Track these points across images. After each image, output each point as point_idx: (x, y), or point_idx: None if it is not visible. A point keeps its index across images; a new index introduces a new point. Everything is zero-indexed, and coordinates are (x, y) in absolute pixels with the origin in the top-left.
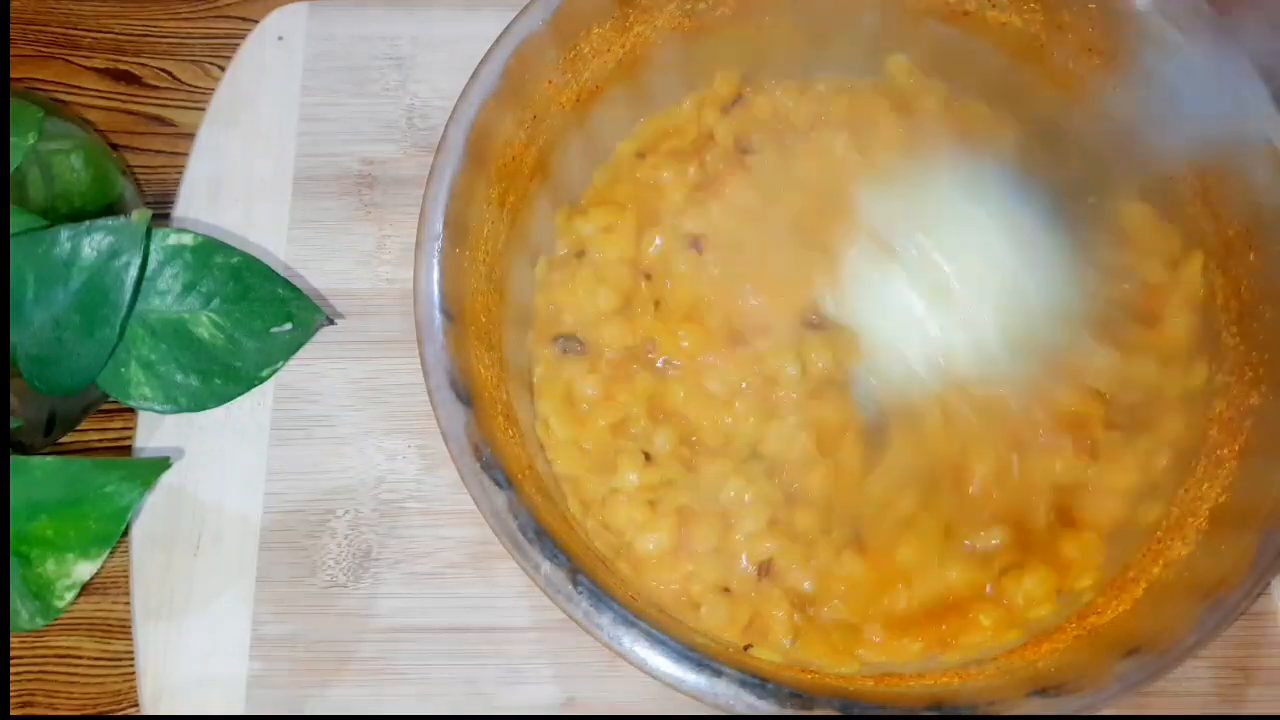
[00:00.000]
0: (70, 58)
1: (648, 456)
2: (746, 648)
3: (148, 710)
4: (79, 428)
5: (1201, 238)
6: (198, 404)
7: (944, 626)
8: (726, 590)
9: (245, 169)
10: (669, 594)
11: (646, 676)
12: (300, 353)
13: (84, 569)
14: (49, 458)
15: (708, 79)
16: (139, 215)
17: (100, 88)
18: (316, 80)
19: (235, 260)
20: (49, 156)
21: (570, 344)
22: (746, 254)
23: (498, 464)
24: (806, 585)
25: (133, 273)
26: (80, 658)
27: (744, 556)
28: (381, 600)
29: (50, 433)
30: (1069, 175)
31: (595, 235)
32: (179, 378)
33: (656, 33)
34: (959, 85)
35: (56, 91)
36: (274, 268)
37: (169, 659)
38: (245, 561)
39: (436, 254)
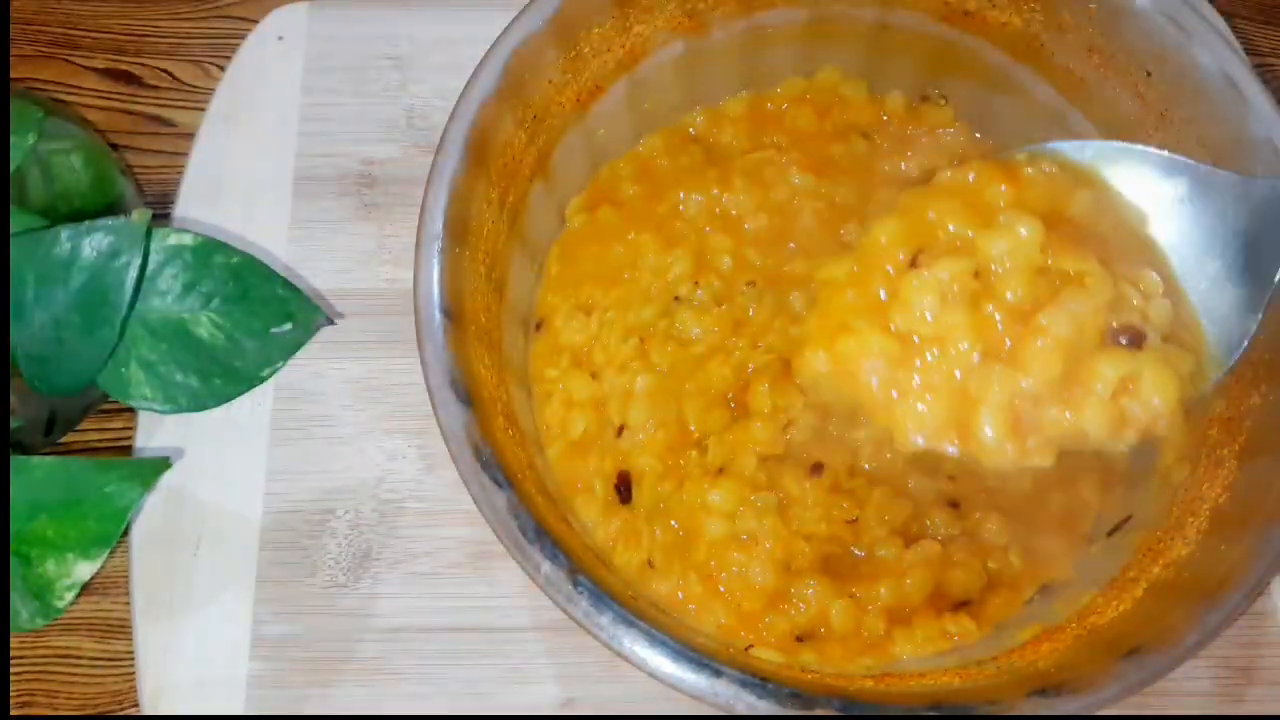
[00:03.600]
0: (70, 58)
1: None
2: (747, 648)
3: (148, 710)
4: (79, 428)
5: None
6: (198, 404)
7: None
8: None
9: (245, 169)
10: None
11: (646, 676)
12: (300, 353)
13: (84, 569)
14: (49, 458)
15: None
16: (139, 215)
17: (100, 88)
18: (316, 80)
19: (235, 260)
20: (49, 156)
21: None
22: None
23: (498, 464)
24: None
25: (133, 273)
26: (80, 658)
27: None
28: (381, 600)
29: (50, 433)
30: None
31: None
32: (179, 378)
33: (656, 32)
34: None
35: (56, 91)
36: (274, 268)
37: (169, 659)
38: (245, 561)
39: (436, 254)
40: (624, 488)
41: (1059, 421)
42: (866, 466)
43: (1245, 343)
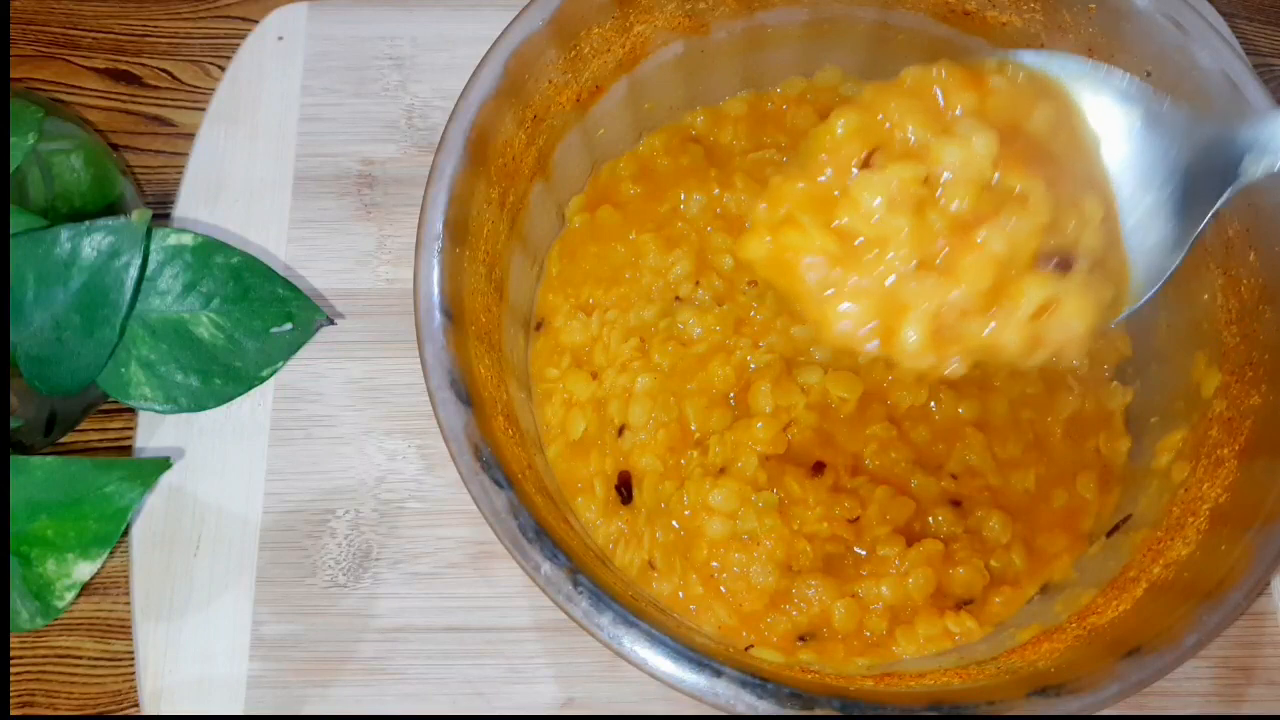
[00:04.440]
0: (70, 58)
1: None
2: (747, 648)
3: (148, 710)
4: (79, 428)
5: (1202, 240)
6: (198, 404)
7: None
8: None
9: (245, 169)
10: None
11: (646, 676)
12: (300, 353)
13: (84, 569)
14: (49, 458)
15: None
16: (139, 215)
17: (100, 88)
18: (316, 80)
19: (235, 260)
20: (49, 156)
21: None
22: None
23: (498, 464)
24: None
25: (133, 273)
26: (80, 658)
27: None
28: (381, 600)
29: (50, 433)
30: None
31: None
32: (179, 378)
33: (656, 32)
34: None
35: (56, 91)
36: (274, 268)
37: (169, 659)
38: (245, 561)
39: (436, 254)
40: (625, 488)
41: (977, 335)
42: (869, 464)
43: (1163, 280)
